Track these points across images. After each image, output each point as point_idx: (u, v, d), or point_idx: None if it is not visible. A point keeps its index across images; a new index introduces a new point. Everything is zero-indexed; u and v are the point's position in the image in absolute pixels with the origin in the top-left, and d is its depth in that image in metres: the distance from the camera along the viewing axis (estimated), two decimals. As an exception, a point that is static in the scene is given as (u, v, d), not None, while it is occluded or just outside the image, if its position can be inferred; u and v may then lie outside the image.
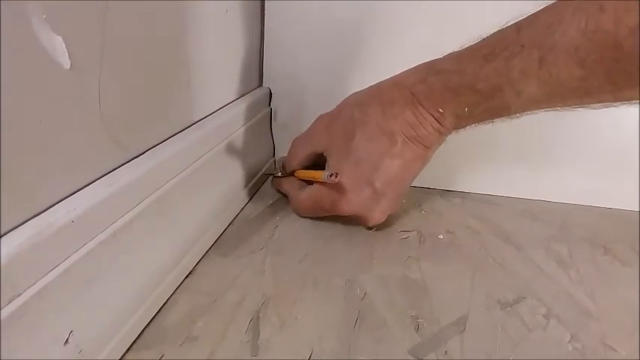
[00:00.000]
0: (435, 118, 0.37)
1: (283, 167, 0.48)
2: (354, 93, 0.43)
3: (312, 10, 0.51)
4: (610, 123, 0.48)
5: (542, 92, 0.32)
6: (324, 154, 0.43)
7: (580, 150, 0.50)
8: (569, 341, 0.32)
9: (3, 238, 0.21)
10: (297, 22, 0.52)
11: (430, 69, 0.37)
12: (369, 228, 0.44)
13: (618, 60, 0.27)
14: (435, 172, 0.55)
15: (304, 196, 0.44)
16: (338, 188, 0.40)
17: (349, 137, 0.40)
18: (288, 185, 0.48)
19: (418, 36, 0.49)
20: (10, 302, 0.21)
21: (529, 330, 0.33)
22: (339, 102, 0.45)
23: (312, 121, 0.46)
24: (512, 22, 0.33)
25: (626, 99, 0.30)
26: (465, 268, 0.39)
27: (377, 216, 0.42)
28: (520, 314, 0.34)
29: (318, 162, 0.45)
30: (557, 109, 0.34)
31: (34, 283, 0.22)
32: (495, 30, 0.34)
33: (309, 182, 0.45)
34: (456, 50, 0.36)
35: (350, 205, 0.41)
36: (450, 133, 0.39)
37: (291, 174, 0.48)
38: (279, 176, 0.49)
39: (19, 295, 0.21)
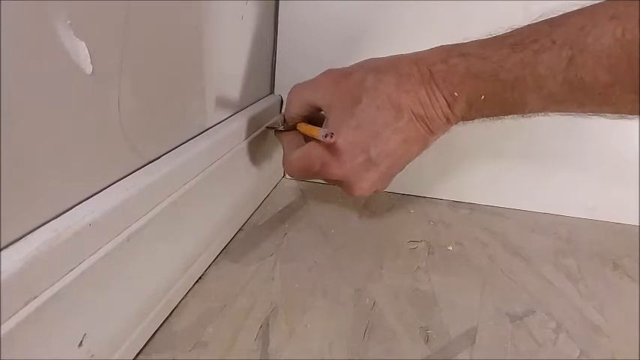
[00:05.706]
0: (447, 102, 0.36)
1: (285, 121, 0.46)
2: (372, 58, 0.41)
3: (324, 19, 0.51)
4: (619, 137, 0.48)
5: (563, 92, 0.32)
6: (324, 111, 0.41)
7: (589, 164, 0.50)
8: (579, 356, 0.32)
9: (20, 241, 0.21)
10: (309, 29, 0.52)
11: (453, 50, 0.36)
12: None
13: None
14: (444, 182, 0.55)
15: (296, 155, 0.42)
16: (332, 150, 0.38)
17: (356, 101, 0.38)
18: (287, 141, 0.45)
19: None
20: (26, 304, 0.21)
21: (539, 345, 0.33)
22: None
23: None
24: (542, 19, 0.33)
25: None
26: (474, 280, 0.39)
27: (364, 186, 0.40)
28: (529, 328, 0.34)
29: (315, 117, 0.43)
30: (571, 114, 0.34)
31: (51, 286, 0.22)
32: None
33: (309, 140, 0.42)
34: (482, 38, 0.35)
35: (340, 169, 0.39)
36: (456, 123, 0.38)
37: (293, 128, 0.45)
38: (281, 130, 0.47)
39: (36, 297, 0.21)
